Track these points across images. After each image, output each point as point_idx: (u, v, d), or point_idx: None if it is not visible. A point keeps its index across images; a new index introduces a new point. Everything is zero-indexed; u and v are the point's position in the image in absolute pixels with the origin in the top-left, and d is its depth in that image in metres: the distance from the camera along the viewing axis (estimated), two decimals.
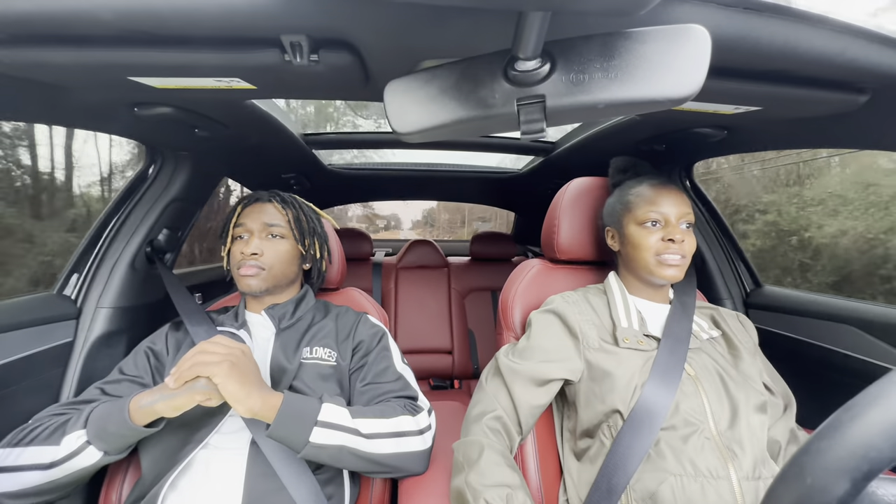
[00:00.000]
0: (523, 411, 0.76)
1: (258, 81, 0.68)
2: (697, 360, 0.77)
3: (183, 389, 0.63)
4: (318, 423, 0.68)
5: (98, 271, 1.01)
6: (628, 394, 0.73)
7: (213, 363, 0.63)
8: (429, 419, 0.80)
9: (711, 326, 0.85)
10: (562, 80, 0.44)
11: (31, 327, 0.86)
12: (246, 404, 0.63)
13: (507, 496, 0.63)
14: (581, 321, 0.82)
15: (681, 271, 0.78)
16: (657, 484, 0.65)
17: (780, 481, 0.35)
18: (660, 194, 0.80)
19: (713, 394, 0.73)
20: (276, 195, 0.92)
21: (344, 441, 0.69)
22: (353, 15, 0.51)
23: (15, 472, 0.65)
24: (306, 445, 0.66)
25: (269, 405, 0.65)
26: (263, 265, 0.85)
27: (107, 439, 0.66)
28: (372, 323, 0.93)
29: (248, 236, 0.86)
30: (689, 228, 0.80)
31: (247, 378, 0.65)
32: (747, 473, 0.66)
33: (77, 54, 0.57)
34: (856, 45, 0.56)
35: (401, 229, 15.14)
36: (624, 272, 0.88)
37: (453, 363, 1.95)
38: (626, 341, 0.78)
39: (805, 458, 0.34)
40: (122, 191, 1.07)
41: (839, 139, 0.88)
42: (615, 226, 0.86)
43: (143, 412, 0.65)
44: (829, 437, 0.33)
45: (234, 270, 0.87)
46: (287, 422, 0.66)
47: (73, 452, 0.65)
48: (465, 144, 1.70)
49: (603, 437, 0.73)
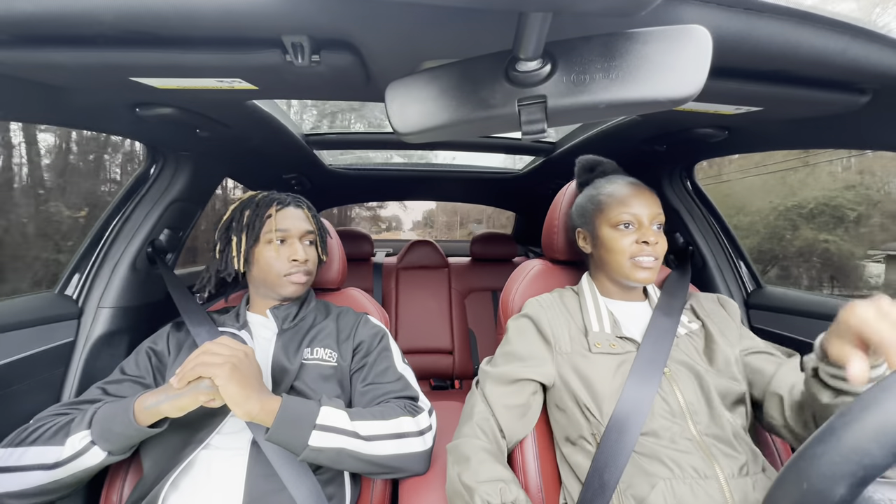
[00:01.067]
0: (498, 411, 0.76)
1: (259, 82, 0.68)
2: (674, 358, 0.76)
3: (187, 390, 0.64)
4: (317, 427, 0.68)
5: (100, 271, 1.02)
6: (605, 398, 0.73)
7: (216, 364, 0.63)
8: (429, 420, 0.81)
9: (692, 319, 0.83)
10: (563, 80, 0.44)
11: (32, 327, 0.86)
12: (244, 408, 0.63)
13: (500, 490, 0.65)
14: (554, 326, 0.82)
15: (653, 274, 0.78)
16: (648, 489, 0.65)
17: (778, 486, 0.35)
18: (632, 195, 0.80)
19: (690, 394, 0.72)
20: (304, 201, 0.94)
21: (343, 444, 0.69)
22: (354, 16, 0.51)
23: (18, 472, 0.65)
24: (305, 449, 0.67)
25: (268, 409, 0.65)
26: (309, 272, 0.88)
27: (111, 440, 0.66)
28: (373, 323, 0.93)
29: (290, 242, 0.87)
30: (659, 229, 0.80)
31: (247, 381, 0.65)
32: (733, 471, 0.65)
33: (78, 55, 0.57)
34: (856, 45, 0.56)
35: (402, 230, 15.57)
36: (596, 273, 0.88)
37: (454, 363, 1.95)
38: (597, 346, 0.78)
39: (802, 464, 0.34)
40: (124, 191, 1.07)
41: (840, 139, 0.88)
42: (586, 227, 0.86)
43: (148, 413, 0.65)
44: (825, 443, 0.33)
45: (276, 275, 0.86)
46: (285, 426, 0.66)
47: (77, 452, 0.65)
48: (465, 145, 1.70)
49: (587, 442, 0.73)
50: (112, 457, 0.67)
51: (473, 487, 0.66)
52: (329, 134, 1.50)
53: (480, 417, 0.76)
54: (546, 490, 0.79)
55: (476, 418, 0.77)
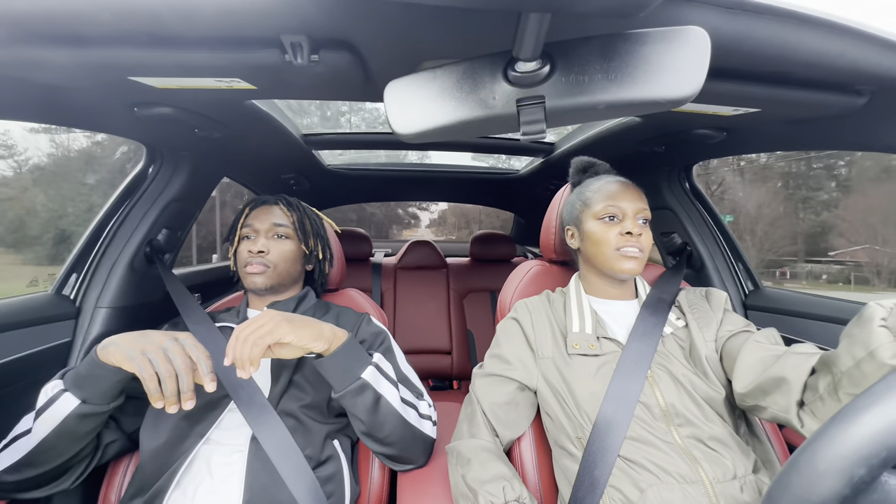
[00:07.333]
0: (487, 411, 0.78)
1: (258, 81, 0.68)
2: (657, 360, 0.75)
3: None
4: (373, 365, 0.72)
5: (97, 271, 1.01)
6: (586, 401, 0.72)
7: (274, 326, 0.64)
8: (435, 415, 0.86)
9: (679, 316, 0.82)
10: (562, 81, 0.44)
11: (29, 327, 0.86)
12: (324, 336, 0.68)
13: (503, 488, 0.67)
14: (537, 330, 0.82)
15: (640, 264, 0.78)
16: (638, 495, 0.65)
17: (791, 469, 0.35)
18: (618, 190, 0.81)
19: (672, 396, 0.71)
20: (283, 198, 0.95)
21: (385, 392, 0.72)
22: (353, 15, 0.51)
23: (7, 446, 0.67)
24: (357, 381, 0.69)
25: (338, 336, 0.71)
26: (269, 263, 0.88)
27: (80, 384, 0.65)
28: (375, 324, 0.94)
29: (255, 236, 0.90)
30: (645, 224, 0.81)
31: (304, 320, 0.68)
32: (717, 475, 0.64)
33: (76, 54, 0.57)
34: (855, 47, 0.56)
35: (419, 227, 16.69)
36: (584, 271, 0.88)
37: (452, 364, 1.95)
38: (574, 347, 0.78)
39: (803, 456, 0.34)
40: (121, 190, 1.06)
41: (838, 141, 0.88)
42: (574, 223, 0.87)
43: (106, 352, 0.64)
44: (824, 442, 0.33)
45: (241, 268, 0.90)
46: (347, 353, 0.70)
47: (50, 399, 0.64)
48: (464, 145, 1.70)
49: (573, 447, 0.73)
50: (87, 406, 0.64)
51: (477, 489, 0.67)
52: (328, 134, 1.50)
53: (476, 418, 0.78)
54: (545, 490, 0.79)
55: (472, 419, 0.78)
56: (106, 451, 0.76)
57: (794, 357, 0.63)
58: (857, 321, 0.54)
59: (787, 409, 0.61)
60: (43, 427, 0.64)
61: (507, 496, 0.66)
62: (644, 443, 0.68)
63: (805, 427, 0.60)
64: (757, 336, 0.72)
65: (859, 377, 0.52)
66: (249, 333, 0.63)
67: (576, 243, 0.88)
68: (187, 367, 0.63)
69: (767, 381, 0.64)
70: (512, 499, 0.66)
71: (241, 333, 0.63)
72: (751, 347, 0.70)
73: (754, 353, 0.69)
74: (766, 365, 0.66)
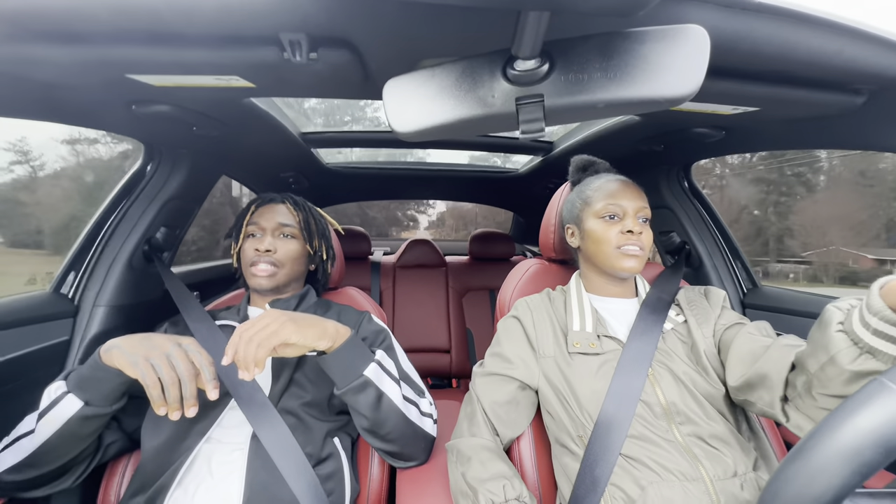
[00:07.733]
0: (488, 409, 0.78)
1: (257, 79, 0.67)
2: (658, 358, 0.76)
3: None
4: (375, 362, 0.72)
5: (95, 269, 1.01)
6: (588, 400, 0.73)
7: (279, 327, 0.63)
8: (435, 413, 0.86)
9: (678, 312, 0.83)
10: (561, 79, 0.44)
11: (27, 325, 0.85)
12: (328, 334, 0.68)
13: (503, 487, 0.67)
14: (539, 329, 0.82)
15: (640, 262, 0.79)
16: (639, 493, 0.65)
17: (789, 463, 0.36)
18: (618, 189, 0.81)
19: (672, 394, 0.72)
20: (289, 197, 0.95)
21: (387, 389, 0.72)
22: (352, 13, 0.51)
23: (9, 447, 0.67)
24: (359, 378, 0.69)
25: (341, 333, 0.71)
26: (276, 262, 0.88)
27: (83, 386, 0.65)
28: (376, 322, 0.94)
29: (261, 234, 0.89)
30: (646, 223, 0.81)
31: (308, 319, 0.68)
32: (718, 473, 0.65)
33: (74, 51, 0.57)
34: (853, 46, 0.56)
35: (417, 229, 16.70)
36: (585, 269, 0.89)
37: (451, 362, 1.95)
38: (575, 345, 0.78)
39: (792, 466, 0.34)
40: (119, 188, 1.06)
41: (836, 140, 0.88)
42: (574, 222, 0.87)
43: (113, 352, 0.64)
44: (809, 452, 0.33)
45: (246, 267, 0.89)
46: (350, 351, 0.70)
47: (53, 401, 0.64)
48: (464, 144, 1.70)
49: (575, 445, 0.73)
50: (90, 408, 0.64)
51: (477, 487, 0.67)
52: (327, 132, 1.49)
53: (476, 417, 0.78)
54: (544, 488, 0.80)
55: (472, 418, 0.78)
56: (107, 451, 0.76)
57: (777, 351, 0.64)
58: (818, 325, 0.56)
59: (772, 405, 0.63)
60: (46, 428, 0.64)
61: (507, 495, 0.66)
62: (645, 441, 0.69)
63: (791, 421, 0.61)
64: (749, 328, 0.73)
65: (826, 380, 0.54)
66: (254, 334, 0.62)
67: (576, 242, 0.88)
68: (191, 374, 0.63)
69: (753, 376, 0.66)
70: (512, 497, 0.66)
71: (245, 334, 0.62)
72: (742, 339, 0.71)
73: (745, 346, 0.70)
74: (755, 357, 0.67)
